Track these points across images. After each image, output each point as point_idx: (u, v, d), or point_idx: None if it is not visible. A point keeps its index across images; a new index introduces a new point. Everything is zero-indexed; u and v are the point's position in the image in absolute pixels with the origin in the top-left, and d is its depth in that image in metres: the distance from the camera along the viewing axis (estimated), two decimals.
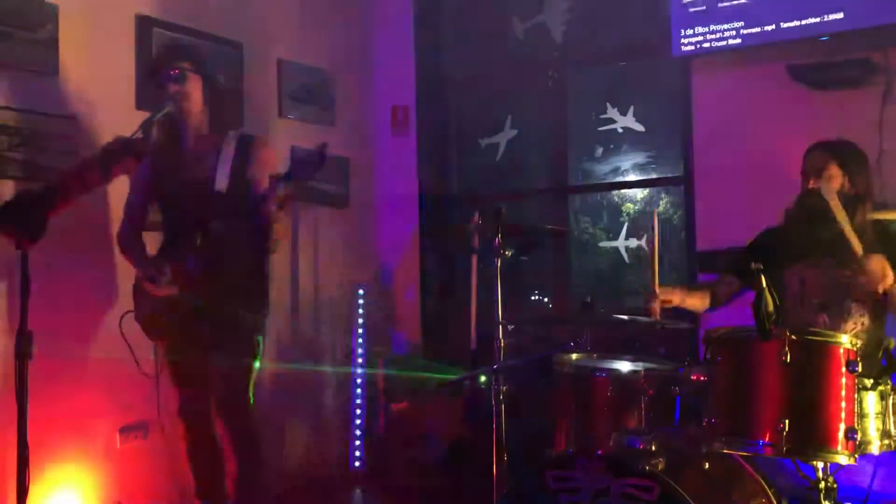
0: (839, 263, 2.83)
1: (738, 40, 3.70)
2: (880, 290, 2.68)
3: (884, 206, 3.33)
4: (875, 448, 2.31)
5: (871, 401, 2.32)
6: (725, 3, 3.73)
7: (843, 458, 2.24)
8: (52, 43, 3.31)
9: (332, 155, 4.58)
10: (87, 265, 3.38)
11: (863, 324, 2.82)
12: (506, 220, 3.14)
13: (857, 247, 2.63)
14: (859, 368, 2.27)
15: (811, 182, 2.89)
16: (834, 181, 2.86)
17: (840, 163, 2.89)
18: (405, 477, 4.19)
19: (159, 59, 3.10)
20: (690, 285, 3.32)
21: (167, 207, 3.07)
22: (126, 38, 3.63)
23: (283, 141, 4.22)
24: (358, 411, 4.57)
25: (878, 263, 2.63)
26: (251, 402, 3.04)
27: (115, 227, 3.49)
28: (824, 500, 2.32)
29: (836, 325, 2.81)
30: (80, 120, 3.39)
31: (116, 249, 3.28)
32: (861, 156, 2.97)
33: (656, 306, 2.91)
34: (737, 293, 3.11)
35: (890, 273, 2.64)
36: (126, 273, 3.40)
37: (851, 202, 2.84)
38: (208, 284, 2.88)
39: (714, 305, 3.15)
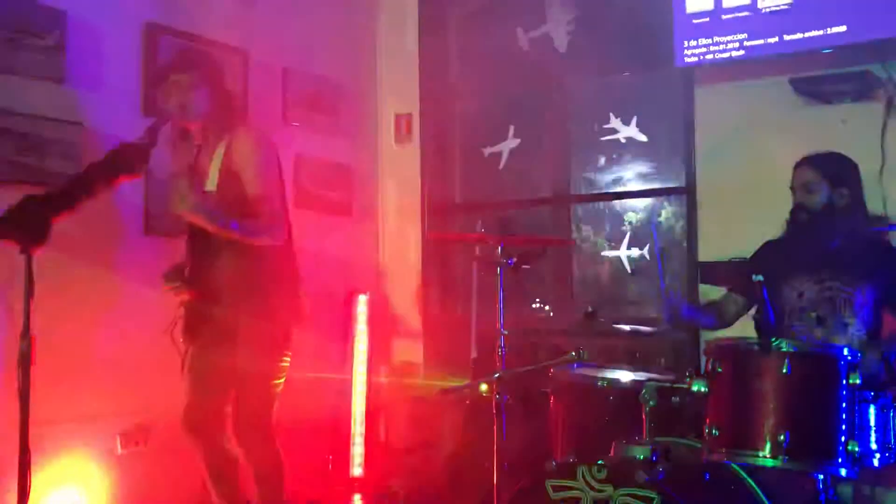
0: (836, 277, 2.85)
1: (742, 52, 3.71)
2: None
3: (887, 219, 3.33)
4: (875, 460, 2.32)
5: (871, 413, 2.32)
6: (729, 15, 3.74)
7: (843, 471, 2.24)
8: (59, 49, 3.33)
9: (336, 162, 4.64)
10: (88, 270, 3.39)
11: (860, 338, 2.83)
12: (508, 229, 3.15)
13: None
14: (859, 381, 2.27)
15: (799, 198, 2.91)
16: (822, 195, 2.88)
17: (826, 176, 2.90)
18: (406, 485, 4.19)
19: (168, 65, 3.11)
20: (697, 307, 3.33)
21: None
22: (133, 45, 3.65)
23: (287, 149, 4.22)
24: (358, 418, 4.57)
25: None
26: (271, 426, 2.98)
27: (118, 230, 3.52)
28: None
29: (834, 339, 2.82)
30: (86, 126, 3.41)
31: (117, 252, 3.30)
32: (849, 166, 2.98)
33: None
34: (743, 313, 3.11)
35: None
36: (126, 278, 3.42)
37: (841, 216, 2.85)
38: (215, 291, 2.87)
39: (723, 325, 3.15)
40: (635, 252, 4.39)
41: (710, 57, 3.79)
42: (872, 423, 2.33)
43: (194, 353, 2.99)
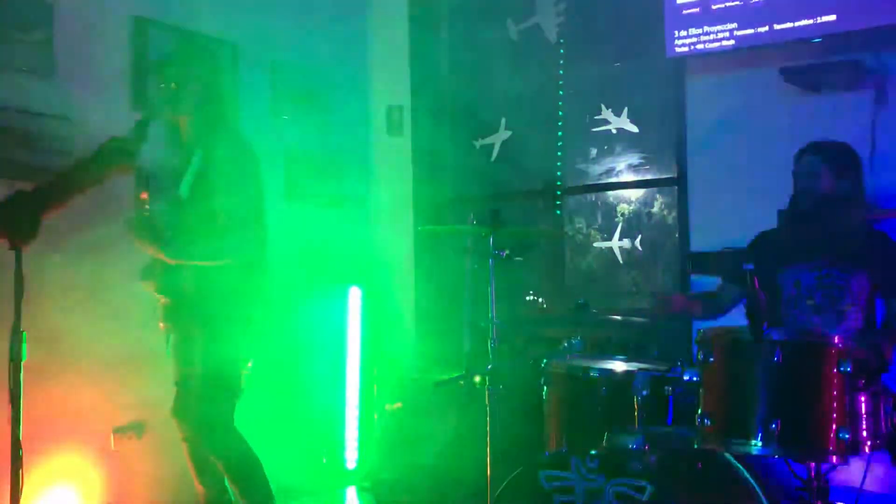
0: (833, 266, 2.86)
1: (732, 42, 3.71)
2: None
3: (876, 207, 3.34)
4: (866, 448, 2.33)
5: (862, 401, 2.33)
6: (719, 5, 3.74)
7: (834, 458, 2.25)
8: (47, 44, 3.31)
9: (328, 155, 4.63)
10: (80, 266, 3.38)
11: (856, 326, 2.84)
12: (500, 221, 3.15)
13: None
14: (851, 369, 2.28)
15: (804, 184, 2.91)
16: (826, 182, 2.89)
17: (830, 165, 2.91)
18: (399, 477, 4.19)
19: (154, 61, 3.10)
20: (690, 294, 3.34)
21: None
22: (121, 39, 3.63)
23: (278, 142, 4.22)
24: (352, 412, 4.58)
25: None
26: (231, 423, 2.96)
27: (107, 227, 3.50)
28: (816, 499, 2.34)
29: (831, 327, 2.83)
30: (75, 121, 3.39)
31: (108, 249, 3.29)
32: (852, 157, 2.99)
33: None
34: (738, 301, 3.12)
35: None
36: (118, 274, 3.41)
37: (842, 203, 2.86)
38: (184, 289, 2.88)
39: (715, 314, 3.15)
40: (627, 243, 4.40)
41: (700, 47, 3.79)
42: (863, 410, 2.34)
43: (173, 343, 3.00)
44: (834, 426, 2.25)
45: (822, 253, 2.88)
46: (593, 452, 2.41)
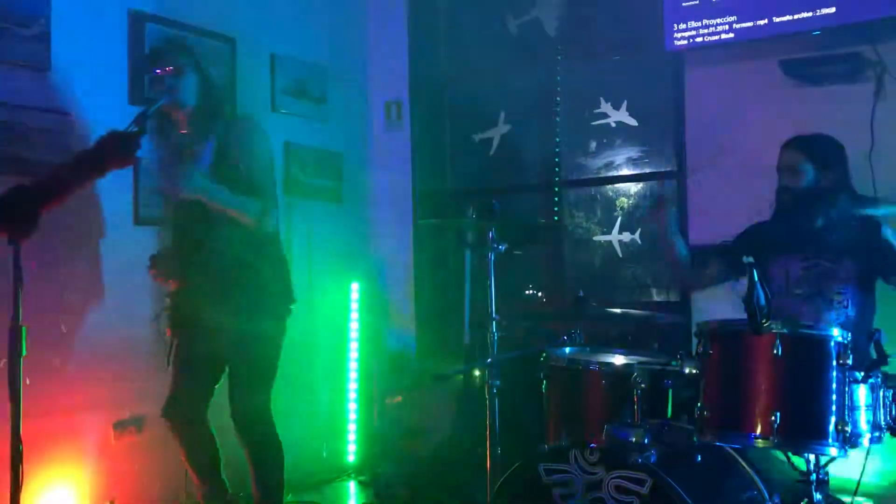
0: (822, 255, 2.88)
1: (731, 35, 3.71)
2: None
3: (876, 202, 3.34)
4: (866, 440, 2.33)
5: (861, 393, 2.34)
6: None
7: (834, 451, 2.25)
8: (45, 38, 3.30)
9: (326, 149, 4.62)
10: (79, 261, 3.38)
11: (847, 315, 2.85)
12: (499, 215, 3.15)
13: None
14: (850, 361, 2.28)
15: (784, 179, 2.95)
16: (806, 177, 2.91)
17: (811, 158, 2.93)
18: (399, 470, 4.20)
19: (155, 53, 3.10)
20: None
21: (167, 203, 3.08)
22: (119, 33, 3.62)
23: (276, 137, 4.20)
24: (352, 405, 4.58)
25: None
26: (269, 408, 3.02)
27: (108, 220, 3.50)
28: (815, 491, 2.34)
29: (821, 316, 2.84)
30: (73, 115, 3.38)
31: (106, 245, 3.29)
32: (836, 149, 3.00)
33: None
34: (719, 280, 3.17)
35: None
36: (117, 268, 3.41)
37: (826, 196, 2.88)
38: (212, 281, 2.88)
39: (695, 286, 3.20)
40: (626, 237, 4.40)
41: (700, 40, 3.78)
42: (862, 403, 2.34)
43: (182, 342, 2.99)
44: (833, 418, 2.25)
45: (810, 243, 2.91)
46: (593, 445, 2.41)
